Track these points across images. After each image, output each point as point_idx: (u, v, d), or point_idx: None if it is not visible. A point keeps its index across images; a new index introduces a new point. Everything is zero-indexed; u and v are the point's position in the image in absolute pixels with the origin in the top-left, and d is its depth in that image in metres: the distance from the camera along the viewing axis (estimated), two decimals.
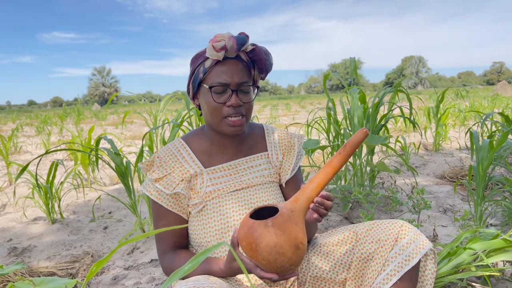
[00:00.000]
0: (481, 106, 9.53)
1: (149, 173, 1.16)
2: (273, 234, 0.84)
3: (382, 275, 1.07)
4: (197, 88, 1.13)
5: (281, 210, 0.89)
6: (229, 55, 1.08)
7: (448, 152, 4.73)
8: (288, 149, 1.27)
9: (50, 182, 2.62)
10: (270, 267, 0.86)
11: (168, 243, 1.16)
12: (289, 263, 0.86)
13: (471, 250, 1.41)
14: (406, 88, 2.77)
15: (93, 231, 2.53)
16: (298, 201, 0.92)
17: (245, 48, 1.09)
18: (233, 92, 1.08)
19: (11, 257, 2.15)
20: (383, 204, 2.62)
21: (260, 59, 1.12)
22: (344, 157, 0.94)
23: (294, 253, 0.85)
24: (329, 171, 0.93)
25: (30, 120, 16.50)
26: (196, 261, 0.51)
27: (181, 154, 1.19)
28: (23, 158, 5.79)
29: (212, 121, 1.12)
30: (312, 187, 0.93)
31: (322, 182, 0.93)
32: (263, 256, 0.84)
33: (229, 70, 1.08)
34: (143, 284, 1.76)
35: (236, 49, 1.07)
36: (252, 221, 0.87)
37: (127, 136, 8.12)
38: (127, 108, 18.98)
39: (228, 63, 1.09)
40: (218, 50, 1.05)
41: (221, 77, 1.08)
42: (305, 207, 0.92)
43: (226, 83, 1.07)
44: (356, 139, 0.95)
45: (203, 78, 1.10)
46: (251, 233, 0.86)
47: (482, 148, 2.17)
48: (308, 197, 0.92)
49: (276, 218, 0.86)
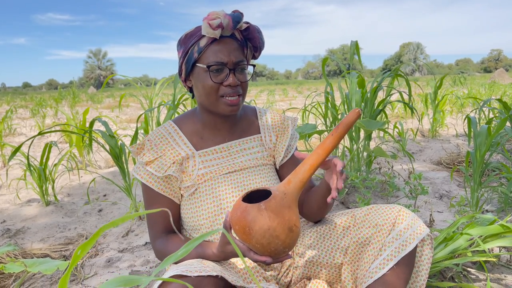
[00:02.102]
0: (479, 93, 9.51)
1: (140, 156, 1.14)
2: (266, 217, 0.83)
3: (378, 260, 1.06)
4: (190, 68, 1.10)
5: (274, 193, 0.88)
6: (225, 33, 1.06)
7: (445, 138, 4.73)
8: (281, 131, 1.25)
9: (44, 164, 2.59)
10: (264, 251, 0.85)
11: (160, 227, 1.14)
12: (282, 246, 0.85)
13: (467, 235, 1.41)
14: (404, 74, 2.73)
15: (87, 214, 2.52)
16: (290, 183, 0.90)
17: (240, 26, 1.07)
18: (230, 71, 1.06)
19: (4, 238, 2.14)
20: (379, 189, 2.61)
21: (254, 37, 1.10)
22: (337, 138, 0.93)
23: (288, 236, 0.84)
24: (321, 152, 0.92)
25: (25, 102, 16.34)
26: (191, 246, 0.50)
27: (172, 137, 1.17)
28: (17, 140, 5.74)
29: (207, 101, 1.09)
30: (304, 169, 0.91)
31: (315, 164, 0.91)
32: (256, 240, 0.83)
33: (225, 48, 1.06)
34: (137, 267, 1.75)
35: (232, 27, 1.04)
36: (245, 205, 0.86)
37: (123, 120, 8.06)
38: (123, 92, 18.80)
39: (224, 42, 1.06)
40: (215, 28, 1.03)
41: (218, 56, 1.05)
42: (298, 189, 0.91)
43: (223, 62, 1.05)
44: (348, 119, 0.93)
45: (198, 58, 1.07)
46: (244, 217, 0.84)
47: (480, 134, 2.15)
48: (300, 178, 0.91)
49: (269, 201, 0.85)
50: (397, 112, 7.08)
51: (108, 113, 9.86)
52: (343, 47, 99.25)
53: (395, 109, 7.10)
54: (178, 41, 1.13)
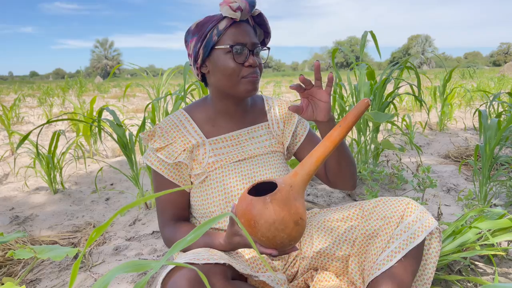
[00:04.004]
0: (488, 87, 9.41)
1: (151, 143, 1.15)
2: (272, 210, 0.82)
3: (386, 252, 1.05)
4: (208, 53, 1.10)
5: (280, 186, 0.87)
6: (242, 17, 1.08)
7: (453, 132, 4.69)
8: (288, 117, 1.26)
9: (52, 152, 2.60)
10: (269, 243, 0.85)
11: (169, 214, 1.15)
12: (288, 239, 0.84)
13: (476, 229, 1.40)
14: (414, 66, 2.70)
15: (95, 202, 2.53)
16: (297, 175, 0.89)
17: (254, 12, 1.10)
18: (249, 52, 1.08)
19: (13, 225, 2.16)
20: (387, 181, 2.60)
21: (265, 23, 1.14)
22: (345, 130, 0.90)
23: (294, 229, 0.84)
24: (328, 144, 0.90)
25: (32, 91, 16.41)
26: (199, 231, 0.49)
27: (183, 124, 1.17)
28: (25, 128, 5.78)
29: (229, 83, 1.10)
30: (311, 161, 0.90)
31: (322, 156, 0.90)
32: (262, 233, 0.83)
33: (244, 31, 1.08)
34: (145, 255, 1.76)
35: (249, 11, 1.07)
36: (250, 198, 0.85)
37: (129, 109, 8.08)
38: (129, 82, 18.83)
39: (241, 25, 1.09)
40: (235, 10, 1.06)
41: (238, 37, 1.07)
42: (305, 182, 0.89)
43: (244, 43, 1.07)
44: (357, 110, 0.91)
45: (217, 41, 1.08)
46: (249, 210, 0.84)
47: (490, 127, 2.13)
48: (307, 171, 0.89)
49: (275, 194, 0.84)
50: (405, 105, 7.03)
51: (115, 103, 9.89)
52: (350, 39, 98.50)
53: (403, 102, 7.05)
54: (187, 31, 1.13)
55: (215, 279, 0.85)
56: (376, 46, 2.57)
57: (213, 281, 0.85)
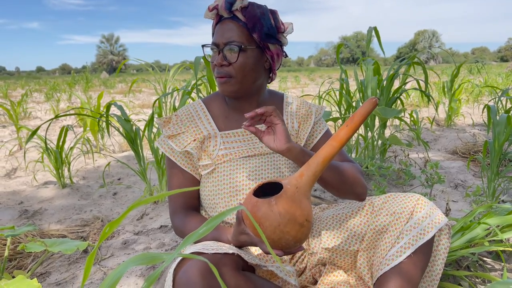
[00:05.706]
0: (496, 82, 9.33)
1: (165, 129, 1.18)
2: (277, 213, 0.82)
3: (396, 248, 1.05)
4: None
5: (285, 187, 0.86)
6: (223, 14, 1.08)
7: (460, 128, 4.66)
8: (304, 118, 1.24)
9: (60, 147, 2.62)
10: (275, 245, 0.85)
11: (179, 202, 1.17)
12: (293, 241, 0.84)
13: (485, 224, 1.39)
14: (421, 62, 2.68)
15: (102, 197, 2.55)
16: (303, 176, 0.88)
17: (236, 8, 1.05)
18: (220, 52, 1.08)
19: (22, 219, 2.18)
20: (395, 177, 2.60)
21: (250, 18, 1.05)
22: (352, 129, 0.88)
23: (299, 231, 0.84)
24: (335, 144, 0.88)
25: (39, 86, 16.51)
26: (211, 224, 0.50)
27: (199, 115, 1.20)
28: (33, 123, 5.82)
29: None
30: (317, 161, 0.88)
31: (328, 157, 0.88)
32: (267, 235, 0.83)
33: (221, 29, 1.08)
34: (153, 249, 1.77)
35: (225, 8, 1.05)
36: (255, 200, 0.85)
37: (136, 105, 8.10)
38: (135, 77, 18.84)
39: (222, 23, 1.09)
40: (210, 10, 1.07)
41: (214, 37, 1.09)
42: (311, 183, 0.88)
43: (215, 43, 1.08)
44: (364, 109, 0.88)
45: None
46: (254, 212, 0.84)
47: (499, 123, 2.12)
48: (313, 172, 0.88)
49: (280, 196, 0.84)
50: (411, 101, 6.99)
51: (121, 98, 9.92)
52: (356, 34, 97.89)
53: (410, 98, 7.01)
54: None
55: (226, 269, 0.86)
56: (379, 43, 2.56)
57: (223, 270, 0.86)
